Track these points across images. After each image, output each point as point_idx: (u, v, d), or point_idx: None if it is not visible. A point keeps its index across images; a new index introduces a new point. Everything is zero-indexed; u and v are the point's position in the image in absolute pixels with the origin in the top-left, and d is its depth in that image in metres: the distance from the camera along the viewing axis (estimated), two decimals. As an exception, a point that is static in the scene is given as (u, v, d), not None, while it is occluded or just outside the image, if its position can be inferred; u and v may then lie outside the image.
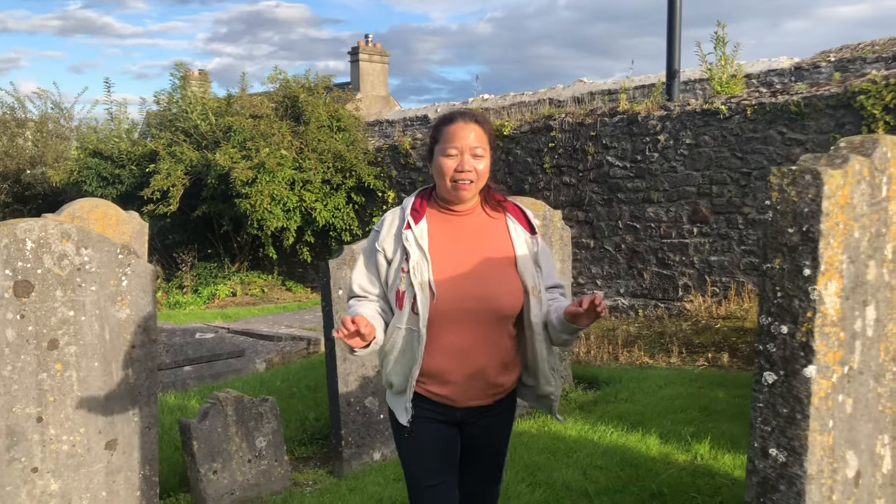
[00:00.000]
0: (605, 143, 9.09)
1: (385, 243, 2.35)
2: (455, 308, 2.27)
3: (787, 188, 1.63)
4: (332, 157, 11.92)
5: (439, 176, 2.32)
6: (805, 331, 1.61)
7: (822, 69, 11.86)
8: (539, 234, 2.44)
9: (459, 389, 2.33)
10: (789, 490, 1.62)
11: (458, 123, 2.32)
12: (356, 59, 32.84)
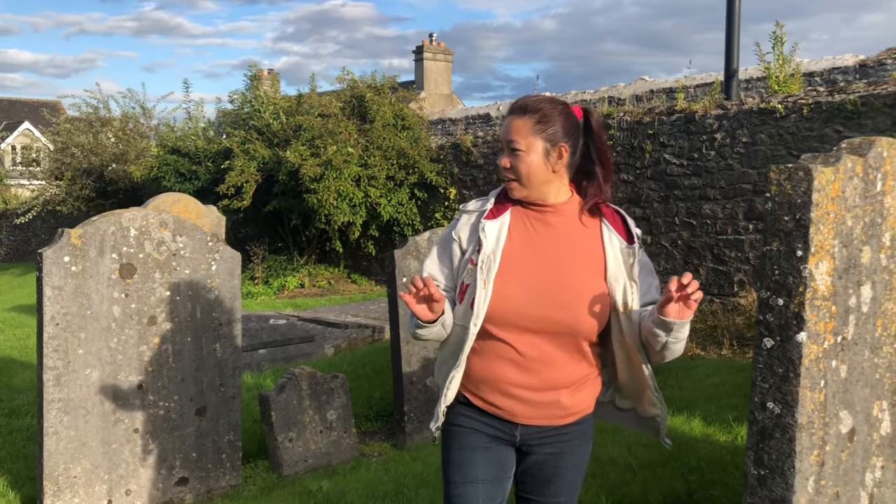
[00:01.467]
0: (662, 141, 9.29)
1: (462, 232, 2.18)
2: (521, 314, 2.07)
3: (784, 182, 1.93)
4: (396, 155, 12.36)
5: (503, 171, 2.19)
6: (797, 303, 1.90)
7: (889, 66, 11.77)
8: (638, 244, 2.17)
9: (522, 404, 2.11)
10: (783, 437, 1.92)
11: (510, 116, 2.16)
12: (420, 58, 33.38)
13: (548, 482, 2.19)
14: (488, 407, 2.15)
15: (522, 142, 2.12)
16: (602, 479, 3.79)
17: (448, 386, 2.15)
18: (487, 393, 2.14)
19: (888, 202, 2.22)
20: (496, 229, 2.13)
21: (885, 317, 2.27)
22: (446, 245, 2.23)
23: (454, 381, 2.14)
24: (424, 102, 33.19)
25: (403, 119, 13.05)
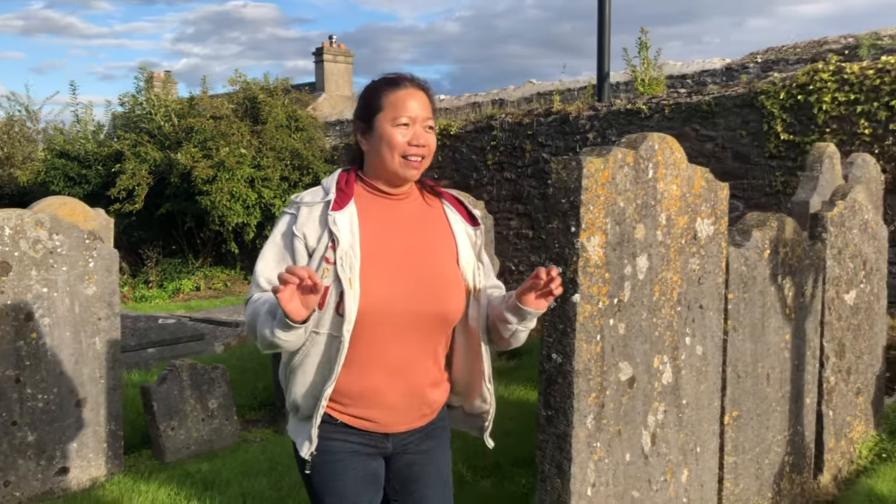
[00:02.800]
0: (540, 141, 9.82)
1: (306, 227, 1.90)
2: (390, 311, 1.89)
3: (561, 171, 2.32)
4: (290, 156, 12.54)
5: (388, 149, 1.92)
6: (572, 270, 2.29)
7: (750, 69, 12.69)
8: (482, 226, 2.11)
9: (394, 412, 1.95)
10: (564, 382, 2.30)
11: (407, 89, 1.95)
12: (321, 60, 33.32)
13: (416, 480, 2.06)
14: (358, 422, 1.94)
15: (432, 120, 1.99)
16: (463, 448, 4.16)
17: (320, 404, 1.88)
18: (357, 407, 1.92)
19: (661, 187, 2.66)
20: (347, 221, 1.90)
21: (664, 284, 2.71)
22: (286, 244, 1.92)
23: (324, 398, 1.88)
24: (326, 103, 33.28)
25: (297, 120, 13.23)
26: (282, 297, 1.66)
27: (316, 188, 2.00)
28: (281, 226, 1.96)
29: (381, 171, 1.97)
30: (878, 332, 4.54)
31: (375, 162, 1.97)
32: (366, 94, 2.02)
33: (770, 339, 3.32)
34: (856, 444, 4.25)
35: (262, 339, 1.83)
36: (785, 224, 3.41)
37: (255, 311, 1.87)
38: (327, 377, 1.88)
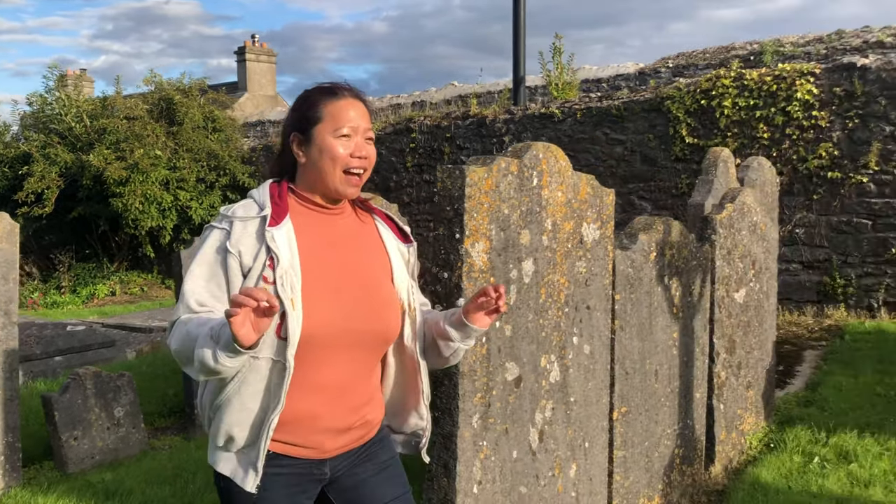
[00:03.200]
0: (458, 143, 9.93)
1: (241, 244, 1.78)
2: (332, 333, 1.80)
3: (446, 180, 2.39)
4: (207, 157, 12.35)
5: (329, 162, 1.83)
6: (457, 276, 2.37)
7: (662, 74, 13.11)
8: (414, 243, 2.05)
9: (333, 436, 1.86)
10: (450, 383, 2.38)
11: (346, 98, 1.88)
12: (243, 59, 32.82)
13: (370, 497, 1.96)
14: (294, 450, 1.83)
15: (372, 131, 1.92)
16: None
17: (265, 434, 1.77)
18: (294, 434, 1.81)
19: (546, 194, 2.76)
20: (285, 237, 1.80)
21: (550, 286, 2.81)
22: (218, 261, 1.78)
23: (271, 427, 1.76)
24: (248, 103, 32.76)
25: (214, 121, 13.04)
26: (235, 321, 1.52)
27: (247, 202, 1.87)
28: (212, 241, 1.81)
29: (319, 185, 1.88)
30: (767, 329, 4.78)
31: (313, 175, 1.87)
32: (301, 104, 1.92)
33: (658, 337, 3.48)
34: (746, 436, 4.47)
35: (200, 366, 1.66)
36: (671, 227, 3.58)
37: (187, 334, 1.70)
38: (271, 405, 1.76)
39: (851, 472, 3.90)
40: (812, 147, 7.43)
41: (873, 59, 7.26)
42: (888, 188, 7.12)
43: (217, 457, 1.85)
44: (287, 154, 1.94)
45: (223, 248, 1.79)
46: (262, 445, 1.77)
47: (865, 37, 11.94)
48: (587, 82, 14.03)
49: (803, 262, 7.56)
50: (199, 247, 1.83)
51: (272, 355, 1.75)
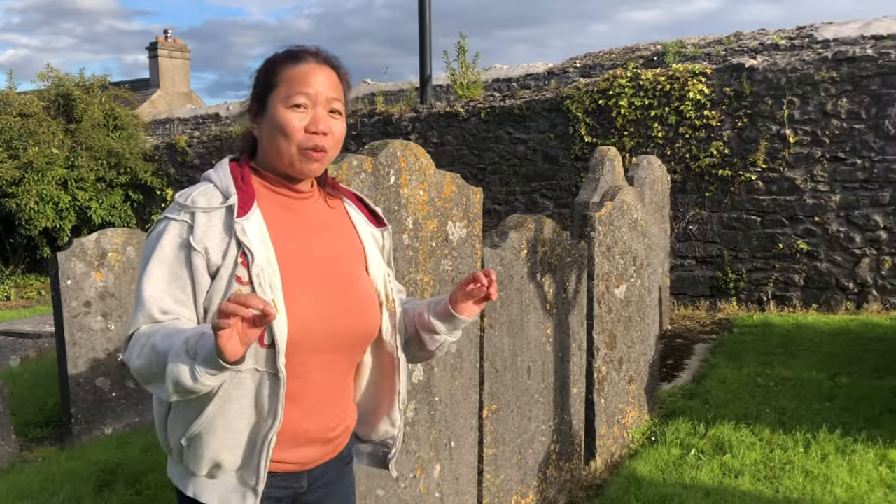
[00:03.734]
0: (365, 141, 9.84)
1: (208, 240, 1.54)
2: (316, 335, 1.59)
3: (290, 177, 2.34)
4: (107, 155, 11.93)
5: (282, 136, 1.59)
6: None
7: (570, 74, 13.30)
8: (388, 227, 1.85)
9: (317, 448, 1.67)
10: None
11: (309, 64, 1.62)
12: (155, 55, 31.93)
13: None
14: (282, 466, 1.63)
15: (341, 103, 1.65)
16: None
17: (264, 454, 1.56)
18: (281, 449, 1.60)
19: (406, 193, 2.73)
20: (257, 229, 1.56)
21: (413, 285, 2.78)
22: (182, 260, 1.54)
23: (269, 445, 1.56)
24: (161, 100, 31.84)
25: (116, 119, 12.60)
26: (223, 334, 1.30)
27: (206, 187, 1.59)
28: (169, 237, 1.54)
29: (277, 163, 1.62)
30: (650, 323, 4.88)
31: (270, 152, 1.62)
32: (260, 68, 1.68)
33: (530, 334, 3.49)
34: (629, 430, 4.55)
35: (174, 386, 1.42)
36: (544, 225, 3.60)
37: (152, 349, 1.45)
38: (264, 421, 1.55)
39: (724, 463, 4.01)
40: (704, 146, 7.64)
41: (761, 61, 7.51)
42: (775, 185, 7.38)
43: (199, 487, 1.59)
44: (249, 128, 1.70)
45: (186, 244, 1.53)
46: (261, 466, 1.56)
47: (762, 39, 12.39)
48: (498, 81, 14.13)
49: (697, 258, 7.77)
50: (154, 243, 1.56)
51: (256, 366, 1.52)
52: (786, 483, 3.72)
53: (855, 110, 7.02)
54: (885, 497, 3.52)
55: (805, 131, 7.21)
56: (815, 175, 7.18)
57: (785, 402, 4.85)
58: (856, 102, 7.00)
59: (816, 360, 5.62)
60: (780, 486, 3.69)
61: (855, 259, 7.11)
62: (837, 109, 7.08)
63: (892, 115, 6.87)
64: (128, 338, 1.54)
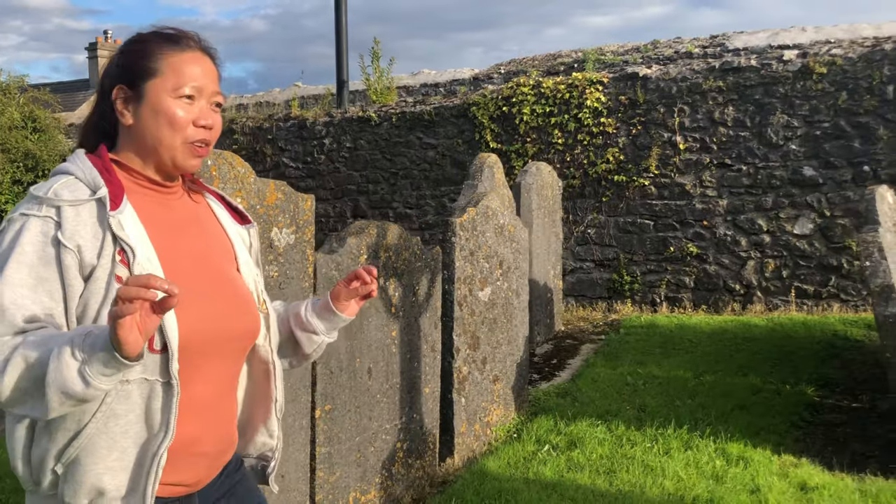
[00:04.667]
0: (280, 145, 9.91)
1: (79, 236, 1.40)
2: (205, 336, 1.48)
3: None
4: (24, 157, 11.78)
5: (168, 128, 1.50)
6: (95, 282, 2.42)
7: (494, 79, 13.52)
8: (255, 224, 1.74)
9: (208, 463, 1.54)
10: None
11: (193, 52, 1.54)
12: (94, 56, 31.40)
13: None
14: (173, 489, 1.48)
15: (222, 96, 1.57)
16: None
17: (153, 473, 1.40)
18: (174, 467, 1.45)
19: (218, 200, 2.84)
20: (132, 224, 1.45)
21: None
22: (48, 261, 1.38)
23: (159, 464, 1.40)
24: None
25: (35, 121, 12.44)
26: (125, 322, 1.18)
27: (67, 179, 1.45)
28: (30, 235, 1.38)
29: (153, 156, 1.52)
30: (518, 325, 5.04)
31: (145, 143, 1.51)
32: (132, 48, 1.54)
33: (371, 336, 3.61)
34: (493, 427, 4.70)
35: (60, 398, 1.27)
36: (387, 231, 3.73)
37: (24, 360, 1.29)
38: (153, 436, 1.41)
39: (572, 458, 4.18)
40: (601, 152, 7.87)
41: (655, 70, 7.77)
42: (667, 191, 7.64)
43: None
44: (107, 112, 1.54)
45: (54, 241, 1.37)
46: (148, 490, 1.39)
47: (677, 47, 12.75)
48: (426, 86, 14.30)
49: (595, 261, 8.00)
50: (12, 243, 1.38)
51: (145, 375, 1.39)
52: (622, 476, 3.90)
53: (740, 118, 7.31)
54: (709, 488, 3.72)
55: (694, 138, 7.49)
56: (704, 181, 7.46)
57: (648, 400, 5.06)
58: (741, 111, 7.29)
59: (688, 360, 5.86)
60: (615, 480, 3.87)
61: (741, 262, 7.40)
62: (724, 118, 7.37)
63: (773, 123, 7.17)
64: None
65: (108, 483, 1.38)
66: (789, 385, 5.23)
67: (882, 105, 6.74)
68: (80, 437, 1.37)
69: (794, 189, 7.14)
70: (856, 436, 4.58)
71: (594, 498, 3.64)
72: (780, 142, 7.17)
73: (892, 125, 6.73)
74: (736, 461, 4.06)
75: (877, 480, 3.85)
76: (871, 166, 6.86)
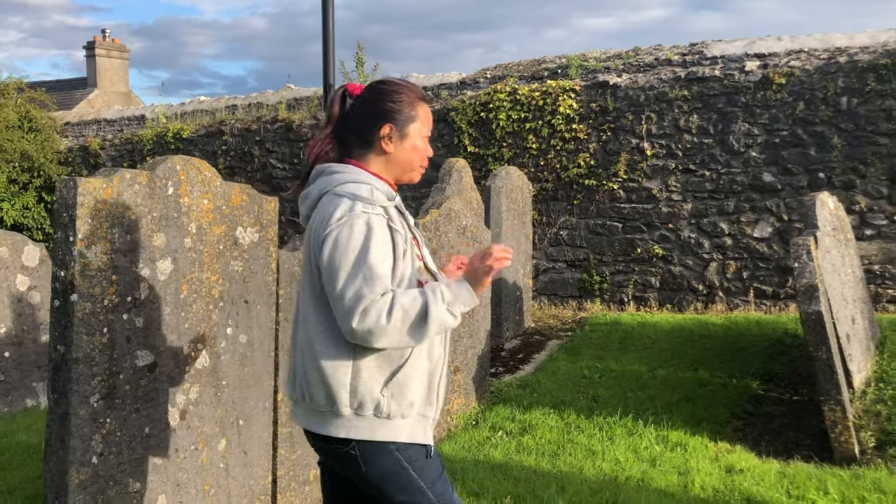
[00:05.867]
0: (268, 147, 10.22)
1: (397, 226, 2.03)
2: None
3: (63, 189, 2.74)
4: (20, 157, 12.08)
5: (417, 157, 2.16)
6: (71, 274, 2.72)
7: (481, 83, 13.82)
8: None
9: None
10: (66, 368, 2.72)
11: (427, 104, 2.21)
12: (92, 55, 31.69)
13: None
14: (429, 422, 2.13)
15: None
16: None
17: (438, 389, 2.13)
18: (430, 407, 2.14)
19: (187, 202, 3.15)
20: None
21: (198, 283, 3.20)
22: (387, 242, 1.99)
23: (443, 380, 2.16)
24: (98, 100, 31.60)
25: (31, 121, 12.74)
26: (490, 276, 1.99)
27: (367, 188, 2.05)
28: (378, 226, 1.99)
29: (397, 173, 2.16)
30: (479, 320, 5.36)
31: (397, 165, 2.14)
32: (402, 98, 2.13)
33: (332, 328, 3.93)
34: (454, 415, 5.02)
35: (437, 327, 1.95)
36: (348, 230, 4.04)
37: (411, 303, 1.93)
38: (438, 362, 2.11)
39: (522, 442, 4.50)
40: (573, 157, 8.20)
41: (624, 78, 8.10)
42: (634, 195, 7.96)
43: (390, 429, 2.03)
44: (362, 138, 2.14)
45: (389, 228, 2.00)
46: (433, 399, 2.10)
47: (657, 54, 13.04)
48: (414, 89, 14.57)
49: (567, 261, 8.32)
50: (369, 232, 1.97)
51: None
52: (565, 459, 4.22)
53: (704, 126, 7.64)
54: (642, 470, 4.04)
55: (661, 145, 7.81)
56: (670, 185, 7.79)
57: (601, 391, 5.38)
58: (705, 119, 7.62)
59: (645, 355, 6.18)
60: (558, 462, 4.19)
61: (704, 263, 7.73)
62: (689, 125, 7.70)
63: (735, 131, 7.50)
64: (366, 304, 1.92)
65: (416, 396, 2.06)
66: (735, 379, 5.55)
67: (836, 115, 7.07)
68: (405, 363, 2.04)
69: (754, 194, 7.47)
70: (791, 426, 4.91)
71: (535, 477, 3.96)
72: (741, 149, 7.50)
73: (846, 134, 7.06)
74: (674, 447, 4.38)
75: (799, 465, 4.18)
76: (825, 173, 7.19)
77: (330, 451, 2.12)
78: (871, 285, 7.07)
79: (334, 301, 1.98)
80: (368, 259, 1.94)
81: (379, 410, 2.03)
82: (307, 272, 2.16)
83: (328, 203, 2.06)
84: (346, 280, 1.95)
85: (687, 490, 3.82)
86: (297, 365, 2.15)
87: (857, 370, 5.31)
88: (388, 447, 2.04)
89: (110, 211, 2.85)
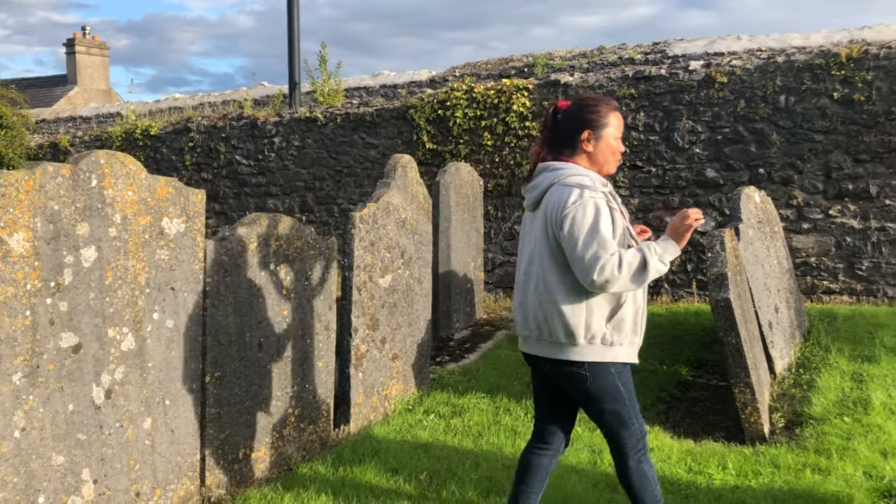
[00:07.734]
0: (234, 143, 10.39)
1: (614, 205, 2.81)
2: None
3: (-14, 181, 2.93)
4: (-10, 154, 12.19)
5: (612, 155, 2.90)
6: (-6, 260, 2.92)
7: (450, 81, 14.03)
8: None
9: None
10: None
11: (619, 112, 2.96)
12: (72, 52, 31.71)
13: None
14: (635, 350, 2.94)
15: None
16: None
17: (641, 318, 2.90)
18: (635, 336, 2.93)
19: (111, 193, 3.34)
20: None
21: (122, 270, 3.38)
22: (608, 216, 2.74)
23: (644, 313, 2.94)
24: (79, 97, 31.64)
25: (1, 118, 12.85)
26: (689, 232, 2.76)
27: (587, 179, 2.81)
28: (601, 204, 2.74)
29: (597, 167, 2.90)
30: (419, 309, 5.57)
31: (597, 161, 2.89)
32: (598, 109, 2.89)
33: (261, 314, 4.13)
34: (392, 400, 5.23)
35: (655, 274, 2.72)
36: (279, 222, 4.24)
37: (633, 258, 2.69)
38: (640, 303, 2.89)
39: (451, 424, 4.72)
40: (526, 154, 8.42)
41: (576, 77, 8.32)
42: (585, 190, 8.19)
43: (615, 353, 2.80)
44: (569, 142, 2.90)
45: (609, 206, 2.77)
46: (640, 329, 2.89)
47: (621, 53, 13.31)
48: (385, 87, 14.81)
49: (521, 255, 8.54)
50: (597, 209, 2.73)
51: None
52: (488, 438, 4.44)
53: (650, 124, 7.87)
54: (558, 448, 4.26)
55: (610, 141, 8.04)
56: (618, 181, 8.02)
57: (536, 378, 5.60)
58: (651, 117, 7.86)
59: (585, 344, 6.40)
60: (480, 441, 4.41)
61: (651, 256, 7.97)
62: (636, 123, 7.93)
63: (680, 128, 7.74)
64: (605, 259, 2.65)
65: (628, 327, 2.83)
66: (666, 366, 5.79)
67: (775, 113, 7.32)
68: (624, 305, 2.81)
69: (698, 189, 7.71)
70: (713, 410, 5.15)
71: (456, 455, 4.18)
72: (685, 146, 7.74)
73: (784, 132, 7.31)
74: (593, 428, 4.60)
75: (708, 444, 4.42)
76: (765, 169, 7.44)
77: (558, 372, 2.86)
78: (808, 277, 7.33)
79: (576, 261, 2.70)
80: (600, 229, 2.68)
81: (605, 340, 2.79)
82: (543, 242, 2.84)
83: (559, 191, 2.79)
84: (584, 245, 2.67)
85: (595, 466, 4.05)
86: (534, 310, 2.86)
87: (780, 357, 5.56)
88: (609, 367, 2.80)
89: (32, 201, 3.04)
